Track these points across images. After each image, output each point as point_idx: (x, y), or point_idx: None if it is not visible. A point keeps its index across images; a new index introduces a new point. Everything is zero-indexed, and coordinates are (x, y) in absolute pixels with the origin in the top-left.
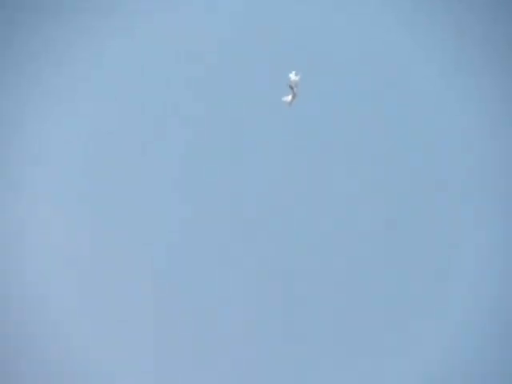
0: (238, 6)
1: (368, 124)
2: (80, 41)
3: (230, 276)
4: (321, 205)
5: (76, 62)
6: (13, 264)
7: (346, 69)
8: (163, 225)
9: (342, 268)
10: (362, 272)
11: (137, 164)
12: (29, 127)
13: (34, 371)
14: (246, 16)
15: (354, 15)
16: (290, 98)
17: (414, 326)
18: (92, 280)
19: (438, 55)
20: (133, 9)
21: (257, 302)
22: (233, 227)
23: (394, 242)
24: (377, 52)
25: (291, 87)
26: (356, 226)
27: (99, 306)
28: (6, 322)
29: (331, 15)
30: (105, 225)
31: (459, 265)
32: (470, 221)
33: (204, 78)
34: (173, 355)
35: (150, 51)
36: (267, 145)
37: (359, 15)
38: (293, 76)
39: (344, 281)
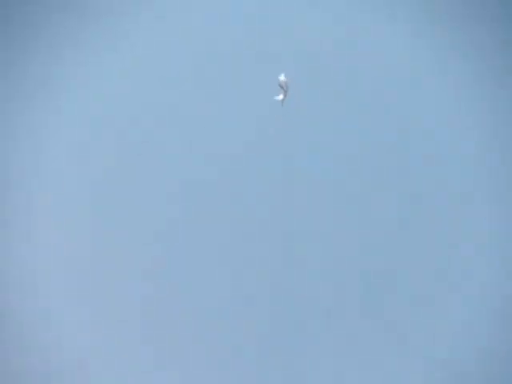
0: (235, 8)
1: (368, 123)
2: (73, 43)
3: (230, 275)
4: (319, 204)
5: (71, 63)
6: (11, 263)
7: (346, 68)
8: (162, 225)
9: (342, 268)
10: (361, 273)
11: (135, 164)
12: (23, 130)
13: (32, 369)
14: (244, 17)
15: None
16: (281, 96)
17: (414, 326)
18: (90, 280)
19: (444, 60)
20: (126, 11)
21: (255, 305)
22: (233, 228)
23: (394, 242)
24: (377, 54)
25: (281, 86)
26: (355, 227)
27: (96, 306)
28: (5, 323)
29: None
30: (103, 225)
31: (459, 265)
32: (470, 221)
33: (202, 78)
34: (172, 354)
35: (149, 53)
36: (266, 143)
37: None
38: (282, 77)
39: (344, 281)
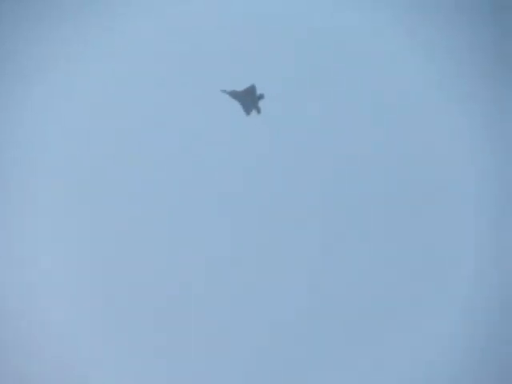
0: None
1: (368, 123)
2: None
3: (229, 277)
4: (319, 204)
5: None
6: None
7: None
8: (161, 221)
9: (343, 269)
10: (361, 274)
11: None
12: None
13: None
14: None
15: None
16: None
17: (415, 327)
18: (90, 279)
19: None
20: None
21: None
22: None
23: (394, 242)
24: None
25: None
26: (356, 227)
27: (96, 307)
28: (4, 322)
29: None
30: (103, 224)
31: (458, 264)
32: (470, 220)
33: (201, 80)
34: (177, 356)
35: (147, 51)
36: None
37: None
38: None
39: (344, 282)
